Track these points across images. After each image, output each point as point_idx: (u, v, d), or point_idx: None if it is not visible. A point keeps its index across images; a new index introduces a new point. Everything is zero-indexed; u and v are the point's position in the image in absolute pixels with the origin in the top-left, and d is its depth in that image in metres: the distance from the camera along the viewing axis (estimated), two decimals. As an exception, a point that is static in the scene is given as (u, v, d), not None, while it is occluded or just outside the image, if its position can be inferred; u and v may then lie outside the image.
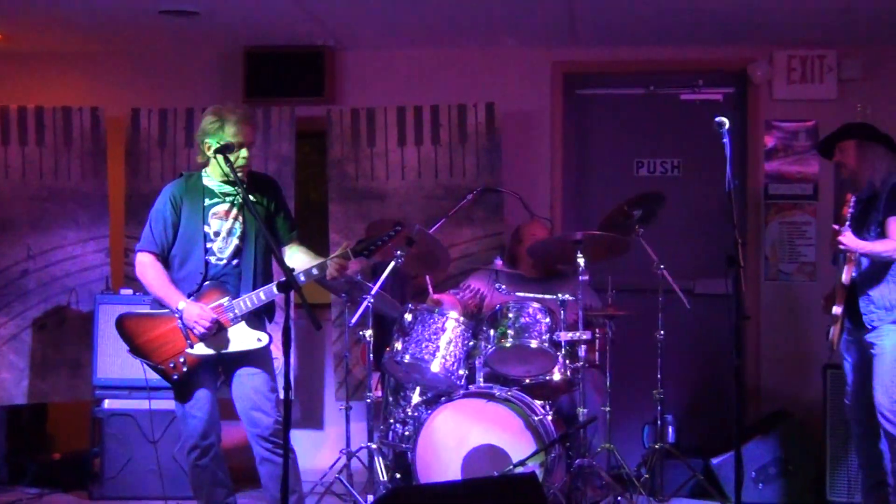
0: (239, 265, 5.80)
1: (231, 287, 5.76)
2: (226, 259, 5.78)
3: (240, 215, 5.80)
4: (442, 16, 7.48)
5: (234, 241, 5.79)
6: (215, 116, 5.73)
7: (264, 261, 5.89)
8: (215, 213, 5.78)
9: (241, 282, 5.78)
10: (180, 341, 5.66)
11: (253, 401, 5.76)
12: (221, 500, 5.87)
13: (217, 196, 5.80)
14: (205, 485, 5.83)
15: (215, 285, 5.73)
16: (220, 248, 5.77)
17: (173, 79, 8.37)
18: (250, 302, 5.70)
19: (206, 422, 5.77)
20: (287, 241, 5.98)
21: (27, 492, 7.49)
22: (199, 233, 5.74)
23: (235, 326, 5.71)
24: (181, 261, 5.78)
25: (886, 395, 6.30)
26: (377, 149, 7.93)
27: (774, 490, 7.27)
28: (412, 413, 6.77)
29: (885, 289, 6.31)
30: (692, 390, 8.07)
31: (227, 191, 5.80)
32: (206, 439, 5.78)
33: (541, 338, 6.51)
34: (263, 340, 5.77)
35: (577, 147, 8.32)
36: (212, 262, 5.76)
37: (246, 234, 5.80)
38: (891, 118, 7.52)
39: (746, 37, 7.84)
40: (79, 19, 7.56)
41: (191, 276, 5.74)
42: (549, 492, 6.17)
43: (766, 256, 8.02)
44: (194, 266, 5.75)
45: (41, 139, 7.83)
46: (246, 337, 5.74)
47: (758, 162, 8.05)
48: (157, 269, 5.74)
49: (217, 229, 5.77)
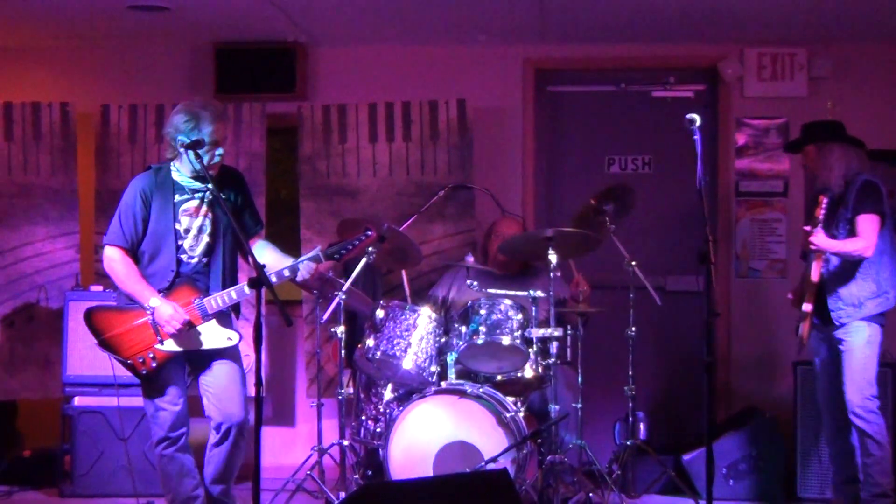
0: (209, 263, 5.80)
1: (202, 285, 5.76)
2: (197, 257, 5.78)
3: (209, 212, 5.79)
4: (414, 12, 7.47)
5: (204, 239, 5.78)
6: (189, 115, 5.67)
7: (232, 258, 5.90)
8: (185, 210, 5.76)
9: (212, 280, 5.78)
10: (150, 337, 5.64)
11: (225, 394, 5.78)
12: (189, 491, 5.86)
13: (186, 192, 5.78)
14: (173, 476, 5.84)
15: (187, 283, 5.72)
16: (190, 246, 5.76)
17: (143, 74, 8.33)
18: (221, 300, 5.70)
19: (177, 414, 5.78)
20: (253, 235, 5.99)
21: (-3, 489, 7.49)
22: (170, 229, 5.72)
23: (206, 324, 5.71)
24: (151, 257, 5.75)
25: (857, 391, 6.36)
26: (348, 145, 7.93)
27: (745, 486, 7.30)
28: (384, 410, 6.77)
29: (854, 286, 6.37)
30: (663, 387, 8.10)
31: (196, 187, 5.78)
32: (176, 431, 5.80)
33: (512, 334, 6.52)
34: (234, 339, 5.78)
35: (549, 143, 8.33)
36: (183, 260, 5.75)
37: (216, 231, 5.80)
38: (861, 115, 7.59)
39: (718, 34, 7.87)
40: (48, 14, 7.52)
41: (161, 273, 5.72)
42: (520, 488, 6.18)
43: (736, 253, 8.05)
44: (165, 263, 5.73)
45: (10, 134, 7.80)
46: (216, 335, 5.74)
47: (729, 159, 8.08)
48: (127, 263, 5.70)
49: (188, 226, 5.75)
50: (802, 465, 7.26)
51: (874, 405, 6.38)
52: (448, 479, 5.56)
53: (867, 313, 6.38)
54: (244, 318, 7.70)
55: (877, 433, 6.37)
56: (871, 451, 6.39)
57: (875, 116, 7.82)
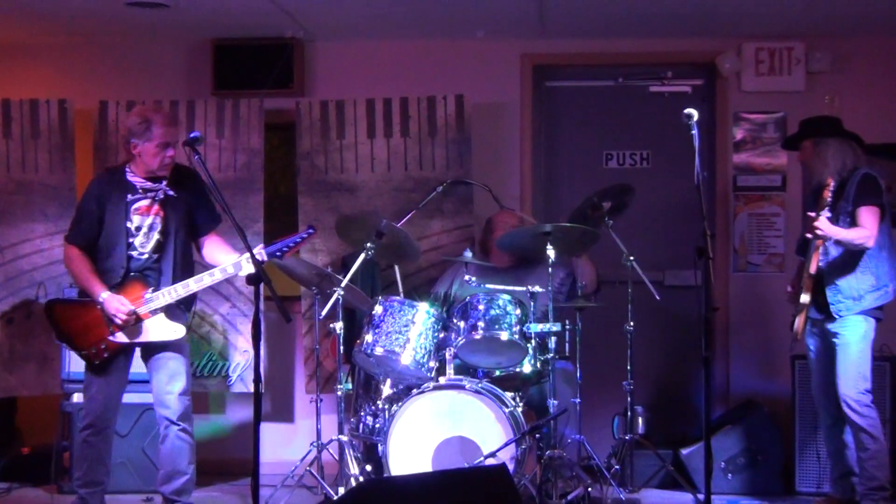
0: (159, 259, 6.08)
1: (152, 280, 6.04)
2: (147, 253, 6.07)
3: (161, 211, 6.07)
4: (411, 8, 7.48)
5: (154, 236, 6.08)
6: (141, 118, 6.01)
7: (184, 255, 6.18)
8: (137, 209, 6.07)
9: (162, 275, 6.07)
10: (102, 329, 5.97)
11: (166, 385, 6.08)
12: (98, 476, 6.16)
13: (139, 192, 6.07)
14: (89, 460, 6.14)
15: (137, 278, 6.03)
16: (141, 243, 6.06)
17: (142, 71, 8.34)
18: (169, 295, 5.99)
19: (107, 405, 6.11)
20: (206, 233, 6.26)
21: (-5, 486, 7.49)
22: (122, 228, 6.03)
23: (154, 317, 5.99)
24: (105, 254, 6.07)
25: (851, 386, 6.38)
26: (346, 141, 7.92)
27: (744, 480, 7.31)
28: (382, 405, 6.77)
29: (854, 279, 6.38)
30: (662, 381, 8.10)
31: (148, 187, 6.08)
32: (102, 420, 6.11)
33: (511, 329, 6.52)
34: (179, 332, 6.07)
35: (547, 139, 8.34)
36: (134, 256, 6.06)
37: (167, 229, 6.08)
38: (859, 109, 7.62)
39: (715, 29, 7.87)
40: (46, 11, 7.53)
41: (114, 269, 6.04)
42: (519, 483, 6.18)
43: (734, 248, 8.05)
44: (117, 259, 6.04)
45: (8, 131, 7.79)
46: (164, 328, 6.03)
47: (726, 154, 8.08)
48: (83, 260, 6.06)
49: (139, 224, 6.06)
50: (800, 459, 7.28)
51: (868, 399, 6.40)
52: (447, 475, 5.56)
53: (866, 306, 6.39)
54: (243, 314, 7.75)
55: (871, 427, 6.39)
56: (867, 445, 6.40)
57: (873, 110, 7.82)
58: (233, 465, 7.85)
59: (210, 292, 7.78)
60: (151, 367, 6.12)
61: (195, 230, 6.23)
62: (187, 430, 6.12)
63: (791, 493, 7.25)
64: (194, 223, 6.20)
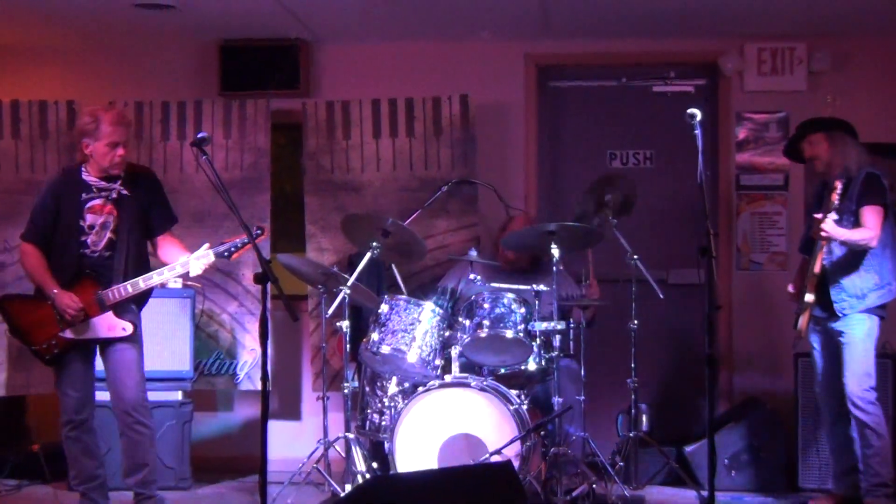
0: (111, 257, 6.07)
1: (104, 278, 6.03)
2: (99, 251, 6.07)
3: (114, 210, 6.07)
4: (416, 9, 7.49)
5: (107, 235, 6.07)
6: (91, 117, 6.01)
7: (137, 253, 6.17)
8: (90, 208, 6.07)
9: (113, 273, 6.05)
10: (53, 326, 5.99)
11: (119, 377, 6.09)
12: (92, 470, 6.19)
13: (93, 191, 6.07)
14: (77, 456, 6.16)
15: (88, 275, 6.03)
16: (94, 241, 6.06)
17: (149, 72, 8.35)
18: (118, 293, 5.99)
19: (79, 399, 6.13)
20: (162, 231, 6.25)
21: (6, 483, 7.49)
22: (76, 226, 6.03)
23: (103, 315, 6.00)
24: (59, 251, 6.08)
25: (856, 383, 6.38)
26: (352, 141, 7.94)
27: (747, 477, 7.32)
28: (389, 403, 6.78)
29: (857, 278, 6.39)
30: (665, 379, 8.11)
31: (103, 186, 6.09)
32: (80, 414, 6.14)
33: (516, 328, 6.53)
34: (128, 330, 6.06)
35: (551, 138, 8.35)
36: (87, 254, 6.05)
37: (119, 227, 6.07)
38: (859, 109, 7.61)
39: (717, 29, 7.87)
40: (54, 13, 7.54)
41: (66, 266, 6.05)
42: (524, 480, 6.20)
43: (737, 247, 8.06)
44: (69, 257, 6.04)
45: (17, 132, 7.82)
46: (113, 325, 6.04)
47: (729, 153, 8.09)
48: (37, 257, 6.07)
49: (92, 223, 6.06)
50: (803, 456, 7.29)
51: (872, 396, 6.41)
52: (453, 471, 5.57)
53: (869, 304, 6.41)
54: (250, 313, 7.76)
55: (876, 424, 6.40)
56: (871, 442, 6.41)
57: (874, 110, 7.83)
58: (241, 462, 7.86)
59: (218, 291, 7.82)
60: (106, 361, 6.11)
61: (150, 230, 6.22)
62: (144, 422, 6.10)
63: (794, 490, 7.25)
64: (149, 223, 6.20)
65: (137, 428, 6.07)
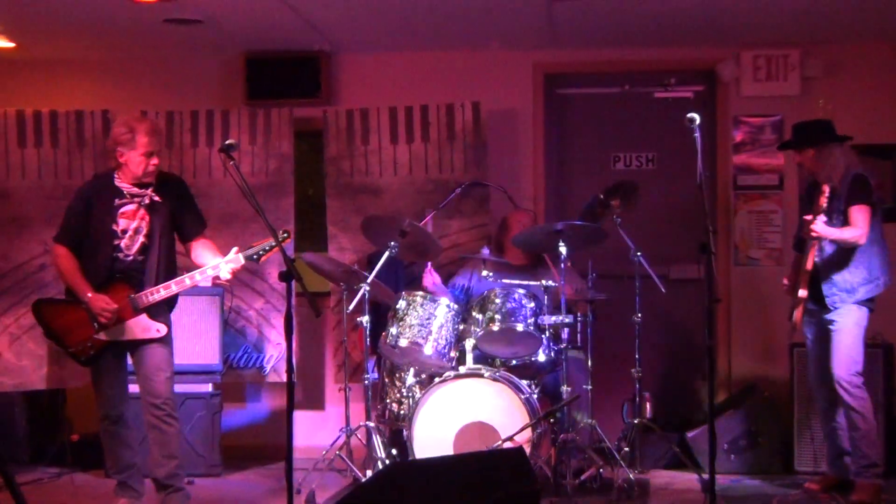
0: (144, 261, 6.00)
1: (136, 281, 5.96)
2: (132, 255, 5.99)
3: (146, 215, 6.00)
4: (430, 22, 7.49)
5: (140, 239, 6.00)
6: (126, 128, 5.95)
7: (168, 257, 6.10)
8: (123, 213, 5.99)
9: (146, 276, 5.99)
10: (88, 328, 5.92)
11: (150, 373, 6.01)
12: (128, 459, 6.16)
13: (126, 197, 6.00)
14: (113, 447, 6.13)
15: (122, 279, 5.95)
16: (127, 246, 5.98)
17: (178, 83, 8.37)
18: (152, 296, 5.93)
19: (115, 396, 6.10)
20: (193, 236, 6.17)
21: (47, 471, 7.53)
22: (108, 230, 5.95)
23: (137, 318, 5.94)
24: (91, 254, 5.99)
25: (843, 368, 6.41)
26: (371, 146, 7.93)
27: (745, 461, 7.32)
28: (407, 393, 6.79)
29: (847, 273, 6.40)
30: (668, 369, 8.10)
31: (135, 192, 6.01)
32: (115, 410, 6.10)
33: (526, 321, 6.54)
34: (162, 331, 6.00)
35: (558, 143, 8.34)
36: (119, 258, 5.97)
37: (151, 232, 6.01)
38: (851, 112, 7.60)
39: (715, 38, 7.86)
40: (89, 28, 7.56)
41: (99, 269, 5.96)
42: (535, 465, 6.20)
43: (735, 243, 8.04)
44: (103, 260, 5.96)
45: (55, 141, 7.83)
46: (146, 327, 5.96)
47: (727, 155, 8.07)
48: (70, 260, 5.99)
49: (125, 227, 5.98)
50: (799, 440, 7.28)
51: (859, 381, 6.41)
52: (468, 458, 5.58)
53: (859, 298, 6.42)
54: (276, 309, 7.78)
55: (862, 407, 6.40)
56: (858, 424, 6.42)
57: (864, 113, 7.80)
58: (268, 449, 7.88)
59: (245, 290, 7.83)
60: (137, 358, 6.05)
61: (182, 235, 6.16)
62: (173, 415, 6.06)
63: (790, 473, 7.25)
64: (181, 228, 6.14)
65: (168, 420, 6.02)
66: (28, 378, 7.70)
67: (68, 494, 6.52)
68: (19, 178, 7.84)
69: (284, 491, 5.08)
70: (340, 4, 7.07)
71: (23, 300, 7.64)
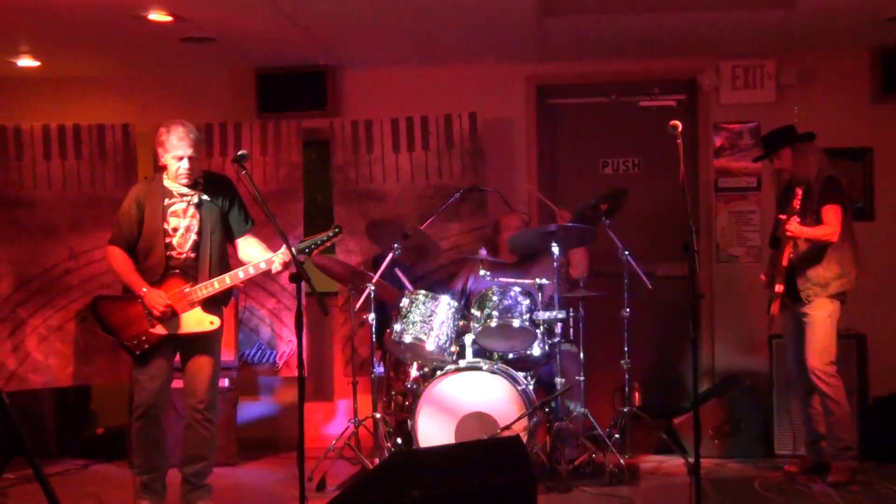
0: (197, 257, 5.89)
1: (190, 276, 5.85)
2: (185, 252, 5.87)
3: (196, 213, 5.90)
4: (429, 38, 7.50)
5: (191, 237, 5.88)
6: (165, 129, 5.88)
7: (220, 252, 5.98)
8: (174, 212, 5.87)
9: (199, 271, 5.86)
10: (143, 322, 5.81)
11: (195, 378, 5.90)
12: (155, 461, 5.94)
13: (175, 196, 5.89)
14: (146, 447, 5.91)
15: (176, 274, 5.84)
16: (179, 243, 5.87)
17: (195, 97, 8.36)
18: (206, 290, 5.82)
19: (156, 393, 5.88)
20: (241, 233, 6.03)
21: (74, 462, 7.54)
22: (160, 229, 5.84)
23: (192, 311, 5.83)
24: (145, 253, 5.87)
25: (817, 357, 6.44)
26: (374, 155, 7.93)
27: (729, 445, 7.32)
28: (411, 386, 6.79)
29: (820, 269, 6.42)
30: (655, 360, 8.10)
31: (184, 192, 5.89)
32: (154, 409, 5.88)
33: (522, 317, 6.54)
34: (216, 324, 5.88)
35: (550, 149, 8.34)
36: (173, 255, 5.86)
37: (202, 230, 5.89)
38: (823, 117, 7.59)
39: (696, 50, 7.86)
40: (109, 47, 7.57)
41: (154, 267, 5.85)
42: (532, 452, 6.21)
43: (716, 242, 8.04)
44: (157, 258, 5.85)
45: (79, 153, 7.83)
46: (200, 320, 5.85)
47: (708, 159, 8.07)
48: (125, 259, 5.87)
49: (176, 226, 5.86)
50: (778, 425, 7.30)
51: (832, 370, 6.44)
52: (468, 446, 5.58)
53: (831, 292, 6.43)
54: (287, 308, 7.78)
55: (836, 395, 6.43)
56: (832, 410, 6.44)
57: (836, 118, 7.79)
58: (280, 440, 7.90)
59: (257, 290, 7.83)
60: (186, 361, 5.93)
61: (230, 232, 6.01)
62: (212, 420, 5.94)
63: (770, 456, 7.25)
64: (228, 226, 6.00)
65: (205, 424, 5.90)
66: (56, 376, 7.70)
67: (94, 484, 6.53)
68: (45, 188, 7.83)
69: (297, 479, 5.08)
70: (345, 23, 7.08)
71: (49, 302, 7.65)
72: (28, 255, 7.71)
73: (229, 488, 6.74)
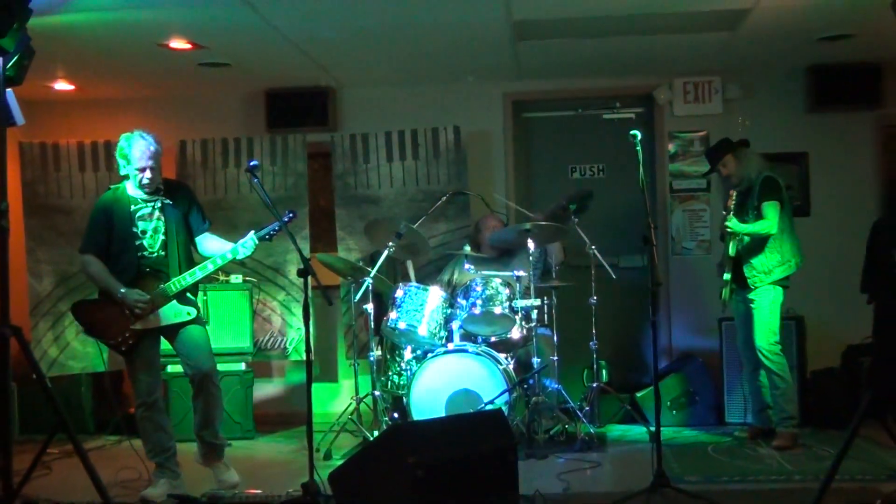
0: (167, 255, 5.67)
1: (163, 273, 5.64)
2: (156, 251, 5.65)
3: (162, 216, 5.69)
4: (417, 62, 7.49)
5: (160, 237, 5.66)
6: (126, 143, 5.65)
7: (186, 250, 5.77)
8: (141, 216, 5.65)
9: (170, 268, 5.65)
10: (125, 320, 5.57)
11: (193, 352, 5.69)
12: (165, 443, 5.71)
13: (141, 202, 5.67)
14: (151, 432, 5.69)
15: (149, 274, 5.62)
16: (149, 244, 5.64)
17: (211, 115, 8.33)
18: (179, 284, 5.61)
19: (151, 383, 5.67)
20: (200, 232, 5.83)
21: (109, 439, 7.52)
22: (130, 233, 5.62)
23: (168, 305, 5.62)
24: (117, 257, 5.63)
25: (763, 338, 6.45)
26: (371, 164, 7.92)
27: (685, 415, 7.34)
28: (405, 367, 6.79)
29: (764, 257, 6.44)
30: (619, 341, 8.09)
31: (147, 198, 5.68)
32: (151, 397, 5.66)
33: (502, 305, 6.54)
34: (192, 314, 5.68)
35: (525, 157, 8.33)
36: (145, 255, 5.63)
37: (168, 230, 5.69)
38: (765, 126, 7.63)
39: (652, 69, 7.87)
40: (135, 72, 7.54)
41: (127, 268, 5.61)
42: (512, 423, 6.20)
43: (672, 237, 8.05)
44: (128, 260, 5.61)
45: (110, 166, 7.79)
46: (178, 312, 5.65)
47: (663, 164, 8.08)
48: (98, 265, 5.62)
49: (145, 228, 5.65)
50: (728, 397, 7.30)
51: (777, 349, 6.45)
52: (457, 418, 5.58)
53: (775, 278, 6.44)
54: (295, 300, 7.76)
55: (780, 370, 6.44)
56: (777, 384, 6.45)
57: (775, 126, 7.83)
58: (291, 416, 7.88)
59: (269, 284, 7.81)
60: (177, 342, 5.70)
61: (190, 232, 5.79)
62: (218, 384, 5.74)
63: (722, 424, 7.27)
64: (188, 227, 5.77)
65: (214, 390, 5.71)
66: (92, 362, 7.68)
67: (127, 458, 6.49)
68: (80, 197, 7.81)
69: (307, 449, 5.07)
70: (344, 49, 7.07)
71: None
72: (66, 257, 7.67)
73: (247, 458, 6.72)
